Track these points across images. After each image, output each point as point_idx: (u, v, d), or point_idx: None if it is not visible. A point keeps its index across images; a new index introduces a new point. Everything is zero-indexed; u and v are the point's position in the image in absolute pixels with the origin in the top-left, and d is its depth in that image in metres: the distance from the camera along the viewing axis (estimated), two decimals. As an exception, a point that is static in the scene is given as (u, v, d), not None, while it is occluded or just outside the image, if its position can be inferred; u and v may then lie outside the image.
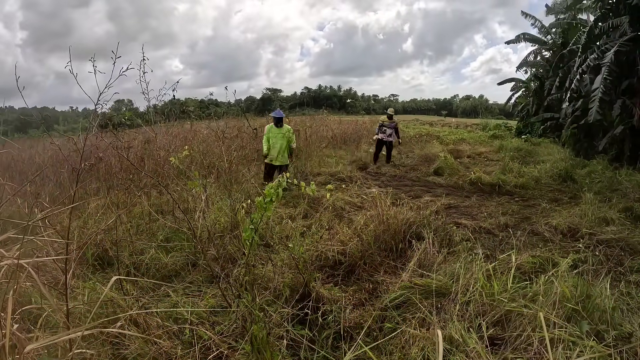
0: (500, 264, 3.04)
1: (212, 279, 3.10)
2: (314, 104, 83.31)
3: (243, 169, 6.88)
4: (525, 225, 4.75)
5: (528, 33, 17.44)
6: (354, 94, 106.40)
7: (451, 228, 4.19)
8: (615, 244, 3.98)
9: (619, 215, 4.82)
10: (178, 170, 5.55)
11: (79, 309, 2.23)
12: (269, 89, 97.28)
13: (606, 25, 9.18)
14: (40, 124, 17.64)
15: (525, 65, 18.94)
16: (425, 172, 8.72)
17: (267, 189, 2.17)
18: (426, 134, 17.71)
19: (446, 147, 12.56)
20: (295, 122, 14.34)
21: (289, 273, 2.98)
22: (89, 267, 3.36)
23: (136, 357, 2.12)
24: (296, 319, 2.53)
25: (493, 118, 50.02)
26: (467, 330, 2.22)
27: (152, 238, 3.92)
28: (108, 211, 4.46)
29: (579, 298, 2.39)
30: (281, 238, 3.78)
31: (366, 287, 3.03)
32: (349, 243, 3.52)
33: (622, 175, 7.03)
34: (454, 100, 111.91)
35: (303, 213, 4.94)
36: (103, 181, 6.15)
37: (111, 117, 10.48)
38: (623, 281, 3.06)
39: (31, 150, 10.32)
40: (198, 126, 10.14)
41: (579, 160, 9.20)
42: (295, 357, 2.25)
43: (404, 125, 25.61)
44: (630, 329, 2.31)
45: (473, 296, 2.52)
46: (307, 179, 7.35)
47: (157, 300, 2.80)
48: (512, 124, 22.68)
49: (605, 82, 8.11)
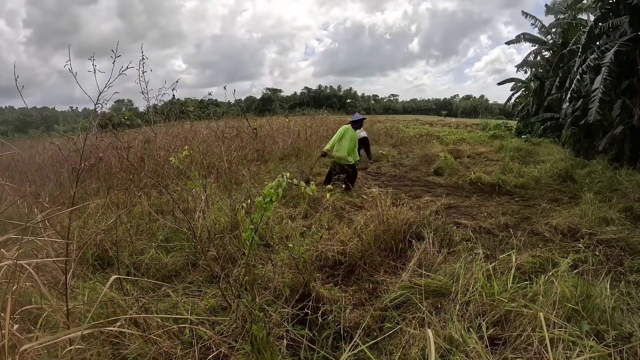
0: (500, 264, 3.04)
1: (212, 279, 3.10)
2: (314, 104, 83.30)
3: (243, 169, 6.88)
4: (525, 225, 4.75)
5: (528, 33, 17.46)
6: (354, 94, 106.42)
7: (451, 228, 4.19)
8: (615, 244, 3.98)
9: (619, 215, 4.82)
10: (178, 170, 5.55)
11: (79, 309, 2.23)
12: (269, 88, 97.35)
13: (606, 25, 9.18)
14: (40, 124, 17.64)
15: (525, 65, 18.95)
16: (425, 172, 8.72)
17: (267, 189, 2.17)
18: (426, 134, 17.70)
19: (446, 147, 12.55)
20: (295, 122, 14.34)
21: (289, 273, 2.98)
22: (89, 267, 3.36)
23: (136, 357, 2.12)
24: (296, 319, 2.53)
25: (493, 118, 50.00)
26: (467, 330, 2.22)
27: (152, 238, 3.91)
28: (108, 211, 4.46)
29: (579, 298, 2.39)
30: (281, 238, 3.78)
31: (366, 287, 3.03)
32: (349, 243, 3.52)
33: (622, 175, 7.03)
34: (454, 100, 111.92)
35: (303, 213, 4.94)
36: (103, 181, 6.15)
37: (111, 117, 10.48)
38: (623, 281, 3.06)
39: (31, 150, 10.32)
40: (198, 126, 10.14)
41: (579, 160, 9.20)
42: (295, 357, 2.25)
43: (404, 125, 25.59)
44: (630, 329, 2.31)
45: (473, 296, 2.52)
46: (308, 179, 7.34)
47: (157, 300, 2.80)
48: (512, 124, 22.67)
49: (605, 82, 8.11)
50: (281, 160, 9.18)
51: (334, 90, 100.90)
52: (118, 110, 17.27)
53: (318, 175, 7.80)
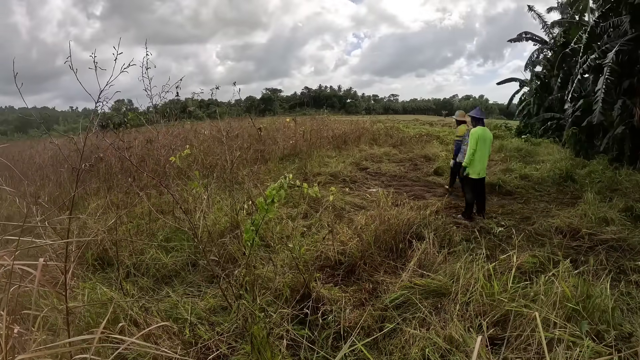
0: (501, 264, 3.04)
1: (212, 279, 3.10)
2: (314, 104, 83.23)
3: (244, 170, 6.88)
4: (525, 225, 4.75)
5: (529, 32, 17.35)
6: (354, 94, 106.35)
7: (451, 228, 4.19)
8: (615, 244, 3.98)
9: (619, 215, 4.81)
10: (179, 170, 5.55)
11: (79, 309, 2.23)
12: (268, 89, 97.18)
13: (607, 24, 9.17)
14: (39, 124, 17.65)
15: (530, 65, 18.79)
16: (425, 172, 8.72)
17: (269, 191, 2.16)
18: (426, 134, 17.68)
19: (446, 147, 12.54)
20: (296, 122, 14.31)
21: (289, 273, 2.98)
22: (89, 267, 3.36)
23: (136, 357, 2.12)
24: (296, 319, 2.53)
25: (493, 118, 49.94)
26: (467, 330, 2.22)
27: (152, 238, 3.92)
28: (108, 211, 4.46)
29: (579, 298, 2.38)
30: (282, 238, 3.78)
31: (366, 287, 3.03)
32: (349, 243, 3.52)
33: (622, 175, 7.02)
34: (454, 100, 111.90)
35: (303, 213, 4.93)
36: (103, 181, 6.15)
37: (111, 117, 10.48)
38: (623, 281, 3.06)
39: (31, 150, 10.33)
40: (199, 126, 10.14)
41: (579, 160, 9.19)
42: (295, 357, 2.25)
43: (404, 125, 25.60)
44: (630, 329, 2.31)
45: (473, 296, 2.52)
46: (308, 179, 7.34)
47: (157, 300, 2.80)
48: (513, 124, 22.65)
49: (607, 82, 8.10)
50: (281, 161, 9.18)
51: (334, 90, 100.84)
52: (118, 110, 17.26)
53: (318, 175, 7.79)
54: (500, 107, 71.09)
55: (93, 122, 2.29)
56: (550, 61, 15.89)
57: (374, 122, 20.68)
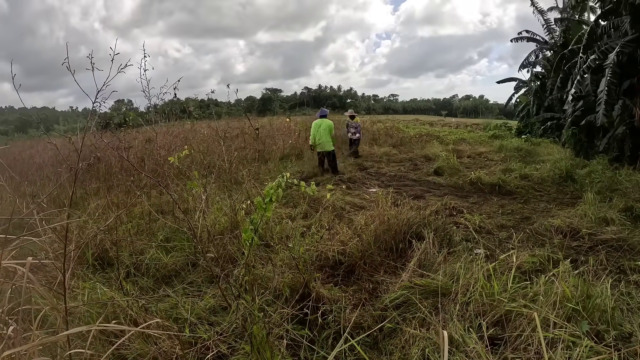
0: (500, 264, 3.03)
1: (212, 279, 3.10)
2: (314, 104, 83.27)
3: (243, 169, 6.87)
4: (525, 225, 4.74)
5: (529, 31, 17.32)
6: (354, 93, 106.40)
7: (451, 228, 4.19)
8: (615, 244, 3.97)
9: (619, 215, 4.81)
10: (178, 170, 5.54)
11: (79, 309, 2.23)
12: (268, 89, 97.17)
13: (607, 25, 9.17)
14: (37, 124, 17.65)
15: (528, 65, 18.76)
16: (425, 172, 8.72)
17: (267, 190, 2.16)
18: (426, 134, 17.69)
19: (446, 147, 12.54)
20: (296, 121, 14.34)
21: (289, 273, 2.98)
22: (89, 267, 3.36)
23: (136, 357, 2.11)
24: (296, 319, 2.52)
25: (494, 118, 49.96)
26: (467, 330, 2.21)
27: (152, 238, 3.91)
28: (108, 211, 4.46)
29: (579, 298, 2.38)
30: (281, 238, 3.78)
31: (366, 287, 3.03)
32: (349, 243, 3.51)
33: (622, 175, 7.02)
34: (454, 100, 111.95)
35: (303, 213, 4.93)
36: (103, 181, 6.14)
37: (111, 117, 10.48)
38: (623, 281, 3.05)
39: (31, 150, 10.33)
40: (198, 126, 10.14)
41: (579, 160, 9.18)
42: (295, 357, 2.25)
43: (404, 125, 25.62)
44: (630, 329, 2.30)
45: (473, 296, 2.52)
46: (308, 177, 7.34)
47: (157, 300, 2.80)
48: (513, 124, 22.65)
49: (609, 83, 8.10)
50: (281, 160, 9.18)
51: (334, 90, 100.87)
52: (118, 110, 17.24)
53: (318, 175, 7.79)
54: (500, 107, 71.07)
55: (90, 122, 2.29)
56: (550, 61, 15.88)
57: (374, 122, 20.69)
